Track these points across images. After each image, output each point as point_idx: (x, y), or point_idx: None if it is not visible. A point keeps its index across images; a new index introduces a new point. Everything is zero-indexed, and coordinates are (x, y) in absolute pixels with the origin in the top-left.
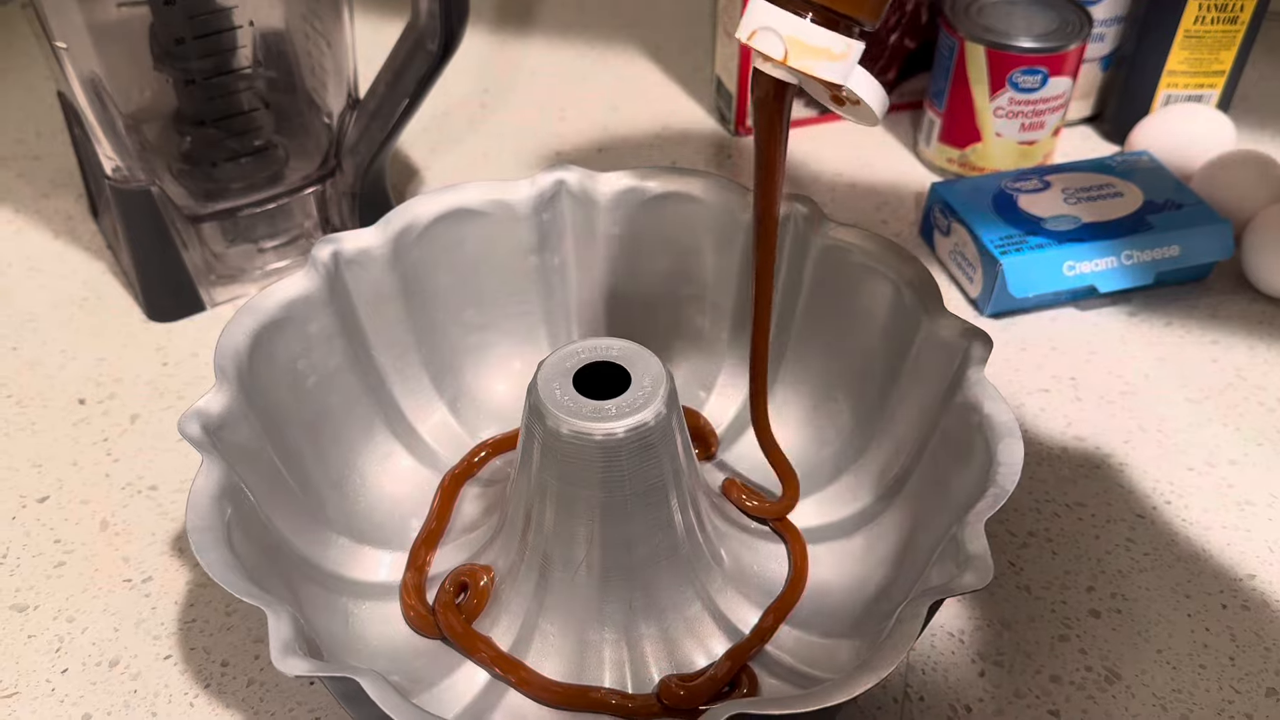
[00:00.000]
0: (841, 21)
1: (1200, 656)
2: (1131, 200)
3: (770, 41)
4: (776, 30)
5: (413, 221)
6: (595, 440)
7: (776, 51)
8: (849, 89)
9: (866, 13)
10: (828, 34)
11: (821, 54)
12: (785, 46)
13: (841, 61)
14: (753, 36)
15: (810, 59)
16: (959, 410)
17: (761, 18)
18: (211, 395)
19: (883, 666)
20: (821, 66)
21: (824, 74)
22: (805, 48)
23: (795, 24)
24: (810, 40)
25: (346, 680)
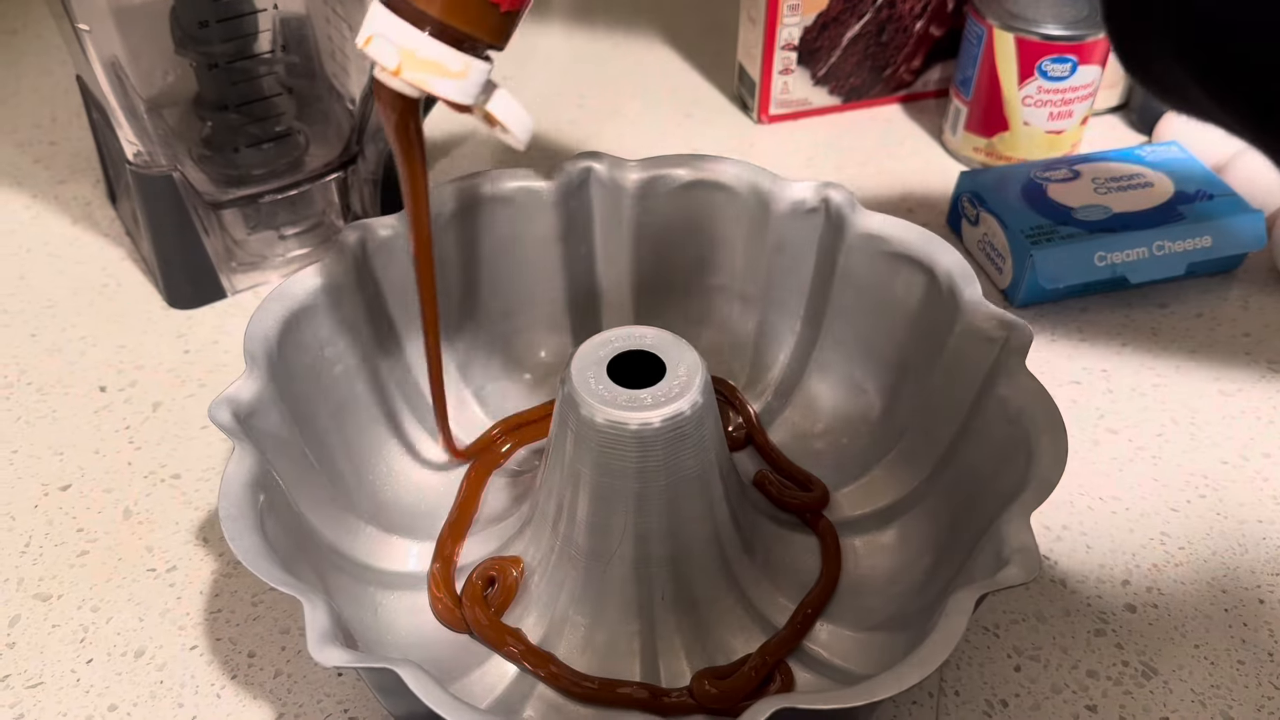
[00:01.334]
0: (465, 40)
1: (1239, 652)
2: (1162, 190)
3: (385, 50)
4: (391, 39)
5: (440, 208)
6: (630, 430)
7: (390, 61)
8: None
9: (486, 32)
10: (443, 48)
11: (435, 69)
12: (399, 58)
13: (460, 80)
14: (368, 43)
15: (424, 73)
16: (999, 402)
17: (378, 24)
18: (242, 382)
19: (931, 661)
20: (438, 83)
21: (441, 91)
22: (418, 61)
23: (410, 35)
24: (423, 54)
25: (385, 671)
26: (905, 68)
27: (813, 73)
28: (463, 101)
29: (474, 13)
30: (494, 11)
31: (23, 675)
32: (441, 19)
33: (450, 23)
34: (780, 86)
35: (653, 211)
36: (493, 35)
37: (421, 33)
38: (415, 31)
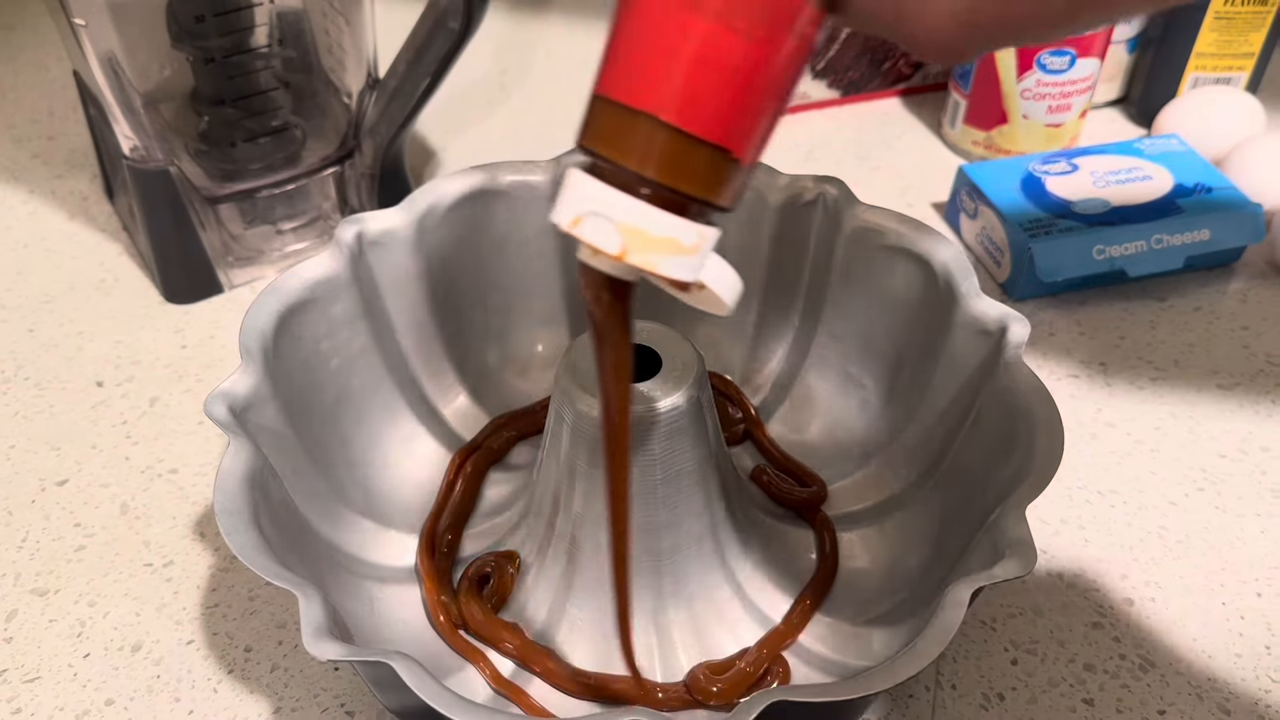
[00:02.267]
0: (690, 205)
1: (1235, 645)
2: (1161, 184)
3: (602, 231)
4: (610, 217)
5: (436, 202)
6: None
7: (611, 246)
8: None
9: (721, 194)
10: (677, 222)
11: (667, 246)
12: (622, 240)
13: (693, 256)
14: (577, 224)
15: (654, 254)
16: (996, 395)
17: (589, 200)
18: (237, 376)
19: (926, 654)
20: (668, 263)
21: (668, 272)
22: (647, 240)
23: (636, 211)
24: (654, 230)
25: (379, 664)
26: (904, 61)
27: (811, 66)
28: (689, 280)
29: (708, 172)
30: (733, 168)
31: (20, 669)
32: (668, 184)
33: (680, 188)
34: None
35: None
36: (728, 198)
37: (647, 205)
38: (639, 204)
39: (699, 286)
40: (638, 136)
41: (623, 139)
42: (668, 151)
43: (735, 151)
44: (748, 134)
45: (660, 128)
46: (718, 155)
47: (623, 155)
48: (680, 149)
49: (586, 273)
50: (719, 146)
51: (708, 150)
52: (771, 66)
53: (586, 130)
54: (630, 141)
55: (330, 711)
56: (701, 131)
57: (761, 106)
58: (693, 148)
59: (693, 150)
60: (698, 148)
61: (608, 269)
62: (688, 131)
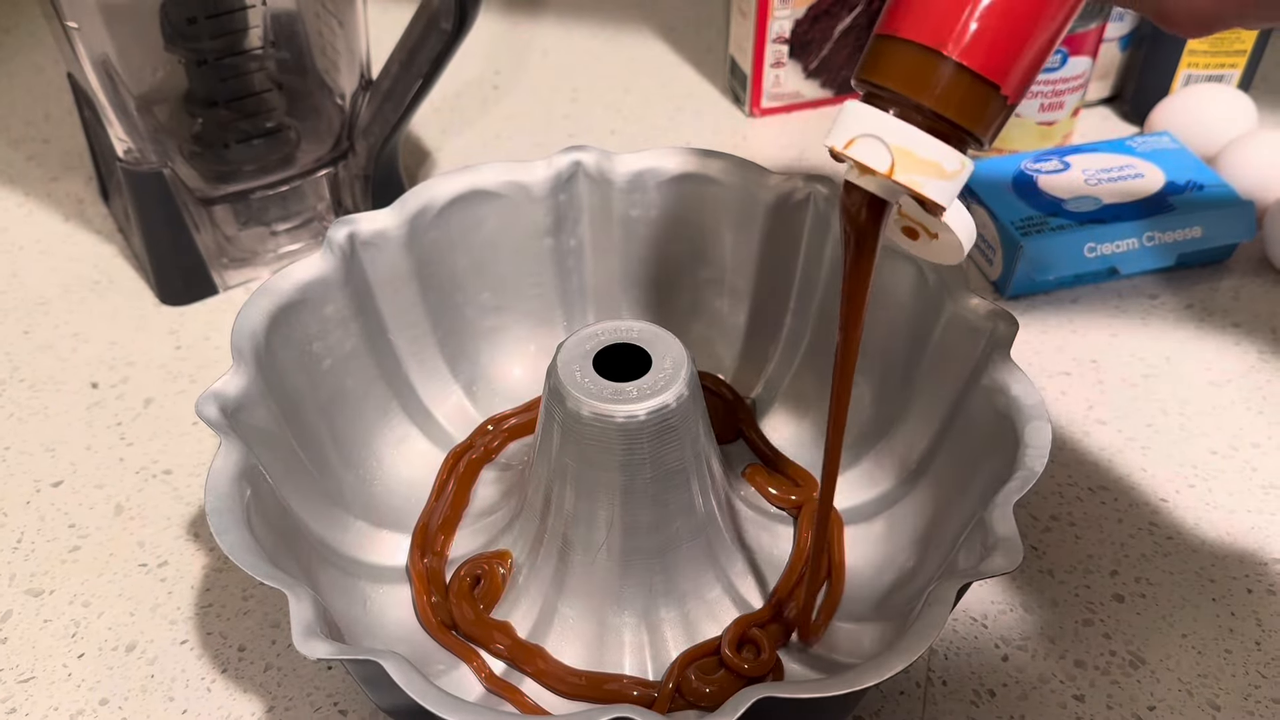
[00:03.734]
0: (953, 133)
1: (1226, 641)
2: (1152, 181)
3: (875, 151)
4: (883, 139)
5: (429, 203)
6: (616, 423)
7: (882, 164)
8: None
9: (984, 127)
10: (942, 147)
11: (932, 169)
12: (892, 158)
13: (952, 181)
14: (851, 145)
15: (919, 174)
16: (984, 392)
17: (864, 123)
18: (229, 377)
19: (912, 650)
20: (931, 185)
21: (931, 193)
22: (915, 161)
23: (906, 133)
24: (922, 152)
25: (369, 663)
26: None
27: (804, 65)
28: (945, 204)
29: (979, 106)
30: (998, 103)
31: (14, 670)
32: (943, 112)
33: (952, 117)
34: (772, 79)
35: (642, 205)
36: (987, 129)
37: (918, 130)
38: (909, 128)
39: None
40: (920, 69)
41: (904, 71)
42: (946, 84)
43: (1004, 89)
44: (1018, 75)
45: (942, 62)
46: (990, 91)
47: (903, 85)
48: (957, 82)
49: (851, 191)
50: (992, 83)
51: (982, 85)
52: (1049, 15)
53: (866, 65)
54: (912, 74)
55: (323, 710)
56: (979, 67)
57: (1033, 51)
58: (969, 82)
59: (968, 84)
60: (973, 82)
61: (872, 187)
62: (967, 66)
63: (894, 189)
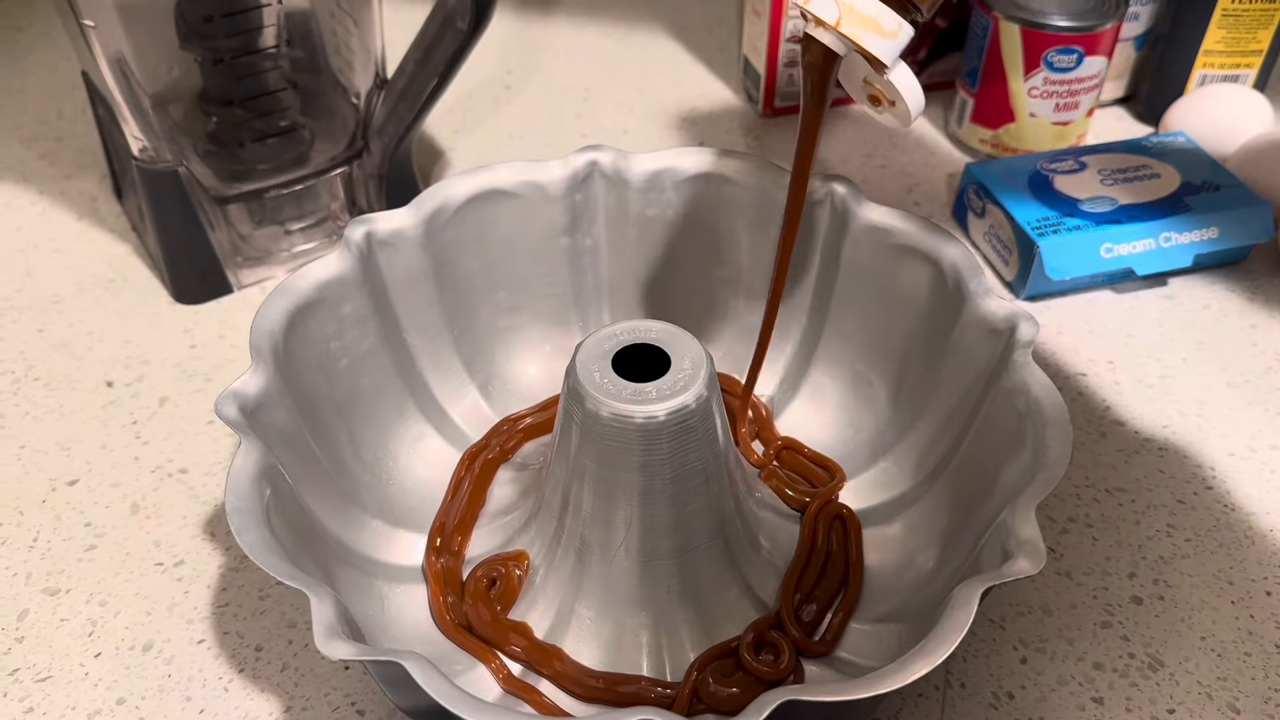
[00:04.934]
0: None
1: (1245, 644)
2: (1169, 181)
3: (825, 4)
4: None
5: (445, 202)
6: (636, 423)
7: (830, 15)
8: (884, 84)
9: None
10: (879, 5)
11: (870, 24)
12: (839, 12)
13: (890, 40)
14: (809, 2)
15: (860, 27)
16: (1004, 394)
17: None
18: (248, 376)
19: (937, 653)
20: (870, 39)
21: (871, 46)
22: (857, 15)
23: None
24: (862, 7)
25: (390, 664)
26: (910, 59)
27: None
28: (884, 60)
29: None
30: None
31: (32, 669)
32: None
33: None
34: (785, 79)
35: (658, 204)
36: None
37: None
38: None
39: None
40: None
41: None
42: None
43: None
44: None
45: None
46: None
47: None
48: None
49: (809, 43)
50: None
51: None
52: None
53: None
54: None
55: (341, 710)
56: None
57: None
58: None
59: None
60: None
61: (826, 39)
62: None
63: (842, 42)
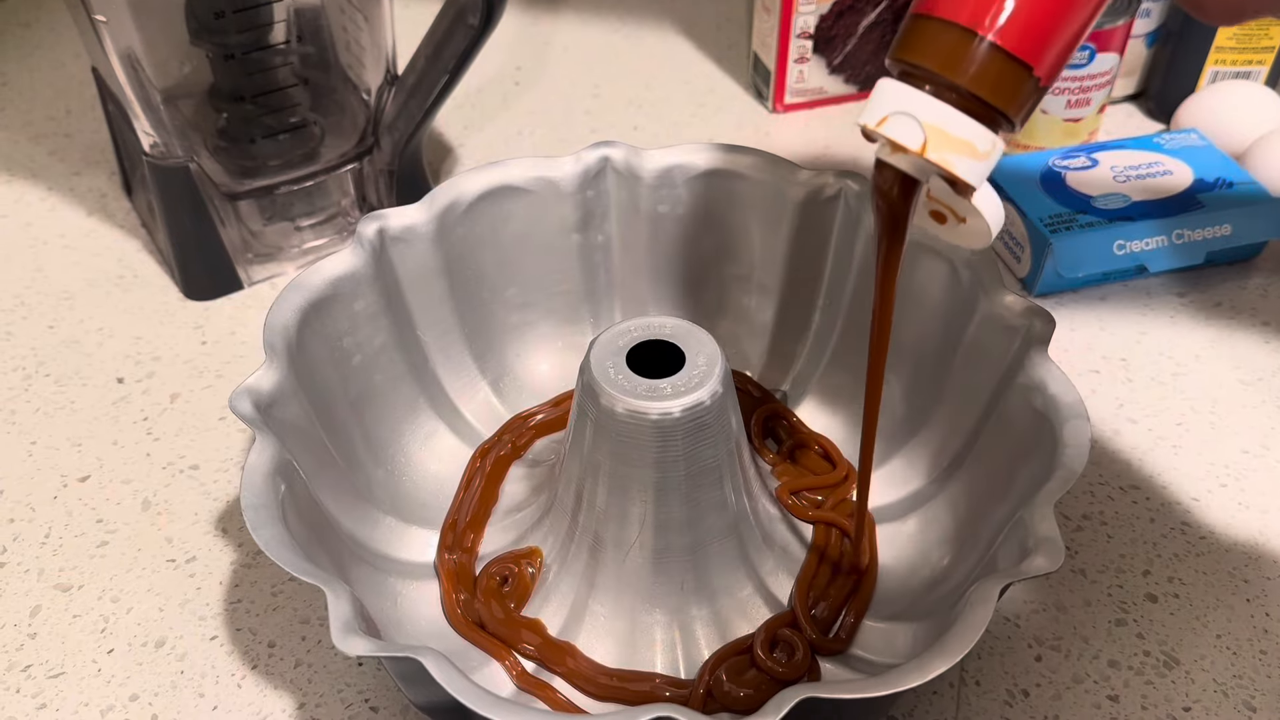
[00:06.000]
0: (985, 114)
1: (1261, 642)
2: (1181, 178)
3: (907, 129)
4: (917, 116)
5: (457, 198)
6: (650, 420)
7: (914, 141)
8: (961, 204)
9: (1017, 108)
10: (975, 126)
11: (964, 148)
12: (925, 135)
13: (984, 161)
14: (883, 123)
15: (951, 153)
16: (1021, 391)
17: (898, 100)
18: (262, 372)
19: (955, 650)
20: (963, 164)
21: (963, 172)
22: (948, 139)
23: (939, 110)
24: (955, 130)
25: (408, 660)
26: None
27: (828, 61)
28: (975, 185)
29: (1012, 87)
30: (1031, 84)
31: (44, 665)
32: (976, 91)
33: (985, 96)
34: (795, 75)
35: (670, 201)
36: (1022, 113)
37: (952, 108)
38: (944, 106)
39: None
40: (954, 49)
41: (939, 50)
42: (980, 63)
43: (1038, 70)
44: (1051, 57)
45: (977, 41)
46: (1024, 72)
47: (937, 64)
48: (991, 62)
49: (882, 169)
50: (1025, 64)
51: (1016, 66)
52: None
53: (902, 44)
54: (946, 53)
55: (354, 707)
56: (1013, 48)
57: (1066, 33)
58: (1002, 62)
59: (1002, 64)
60: (1006, 62)
61: (904, 165)
62: (1001, 46)
63: (925, 167)
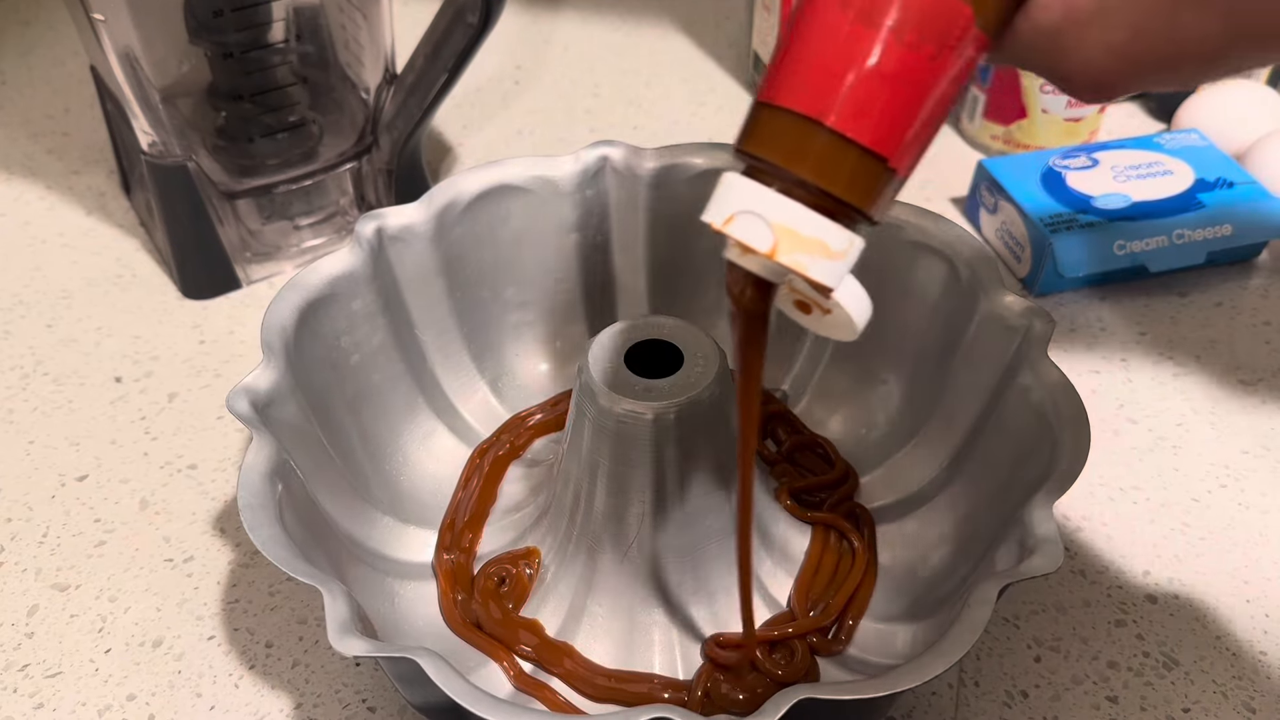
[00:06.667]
0: (842, 211)
1: (1261, 643)
2: (1182, 178)
3: (755, 230)
4: (764, 216)
5: (456, 198)
6: (648, 419)
7: (763, 244)
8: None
9: (872, 202)
10: (828, 224)
11: (817, 249)
12: (774, 237)
13: (839, 261)
14: (729, 223)
15: (804, 254)
16: (1021, 391)
17: (744, 199)
18: (259, 372)
19: (954, 651)
20: (816, 265)
21: (817, 275)
22: (799, 240)
23: (788, 210)
24: (806, 230)
25: (405, 661)
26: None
27: None
28: (833, 285)
29: (865, 180)
30: (888, 178)
31: (42, 665)
32: (826, 186)
33: (836, 191)
34: None
35: (669, 200)
36: (878, 208)
37: (801, 206)
38: (793, 204)
39: (825, 309)
40: (801, 140)
41: (785, 142)
42: (828, 156)
43: (892, 161)
44: (906, 146)
45: (823, 132)
46: (875, 163)
47: (783, 157)
48: (840, 154)
49: (733, 271)
50: (877, 155)
51: (867, 158)
52: (935, 83)
53: (747, 135)
54: (792, 145)
55: (351, 707)
56: (862, 138)
57: (921, 121)
58: (852, 154)
59: (852, 156)
60: (857, 154)
61: (755, 268)
62: (850, 137)
63: (778, 269)
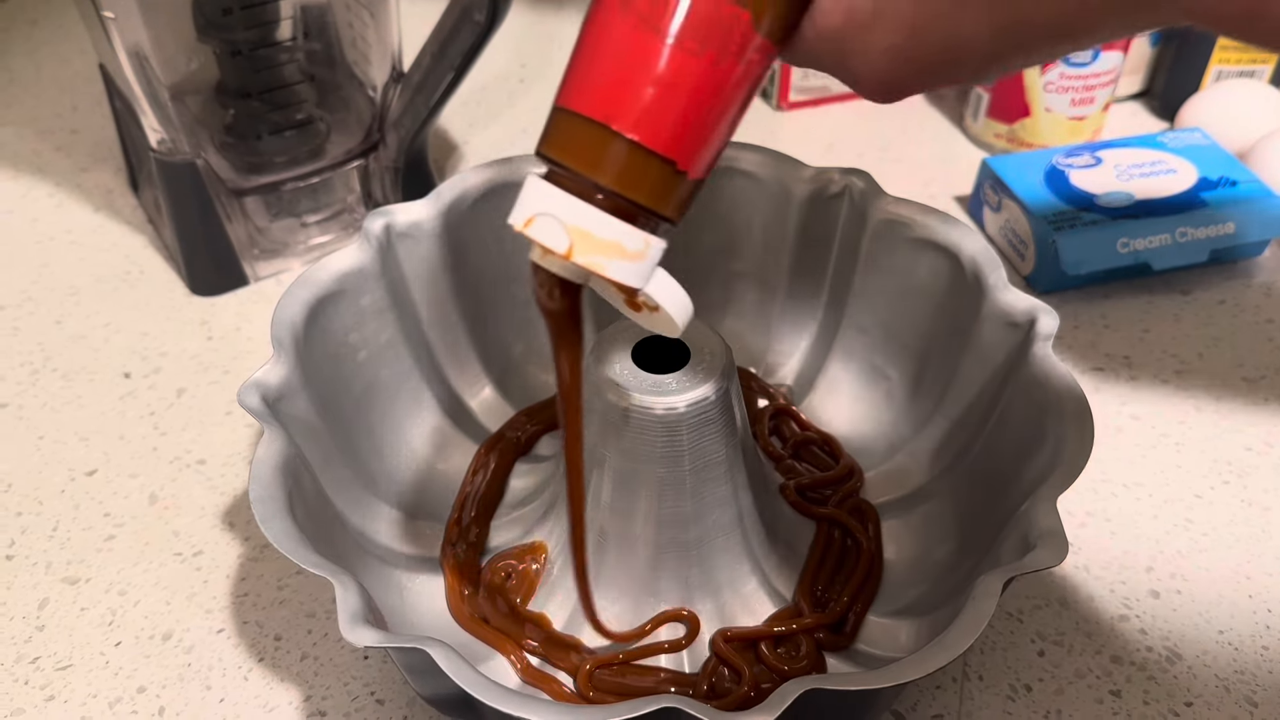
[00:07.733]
0: (639, 214)
1: (1263, 638)
2: (1185, 177)
3: (552, 232)
4: (559, 218)
5: (463, 195)
6: (656, 415)
7: (559, 244)
8: (645, 294)
9: (667, 205)
10: (622, 226)
11: (613, 250)
12: (570, 239)
13: (637, 262)
14: (529, 225)
15: (599, 256)
16: (1024, 386)
17: (541, 201)
18: (270, 366)
19: (958, 644)
20: (613, 266)
21: (615, 275)
22: (593, 241)
23: (581, 212)
24: (601, 233)
25: (415, 651)
26: None
27: None
28: (636, 285)
29: (656, 183)
30: (679, 181)
31: (53, 657)
32: (618, 190)
33: (627, 194)
34: (800, 73)
35: None
36: (673, 209)
37: (595, 209)
38: (587, 207)
39: (651, 306)
40: (592, 145)
41: (577, 147)
42: (618, 160)
43: (681, 164)
44: (694, 149)
45: (613, 137)
46: (665, 167)
47: (576, 161)
48: (630, 158)
49: (538, 273)
50: (666, 158)
51: (656, 161)
52: (720, 88)
53: (545, 139)
54: (584, 149)
55: (360, 700)
56: (650, 142)
57: (708, 124)
58: (641, 157)
59: (641, 160)
60: (646, 158)
61: (556, 269)
62: (637, 142)
63: (579, 270)
